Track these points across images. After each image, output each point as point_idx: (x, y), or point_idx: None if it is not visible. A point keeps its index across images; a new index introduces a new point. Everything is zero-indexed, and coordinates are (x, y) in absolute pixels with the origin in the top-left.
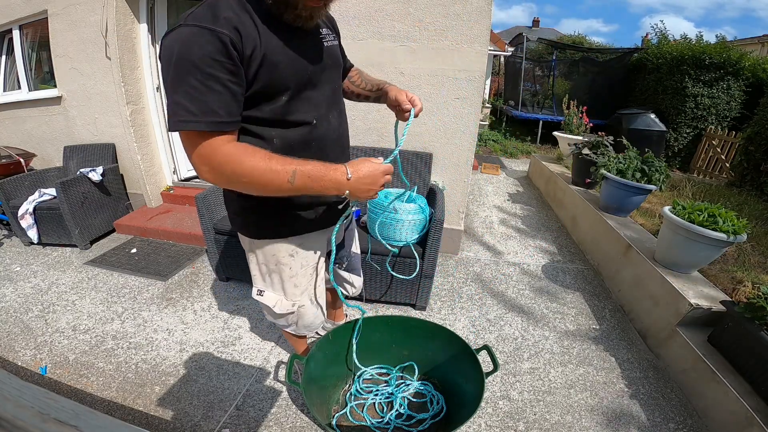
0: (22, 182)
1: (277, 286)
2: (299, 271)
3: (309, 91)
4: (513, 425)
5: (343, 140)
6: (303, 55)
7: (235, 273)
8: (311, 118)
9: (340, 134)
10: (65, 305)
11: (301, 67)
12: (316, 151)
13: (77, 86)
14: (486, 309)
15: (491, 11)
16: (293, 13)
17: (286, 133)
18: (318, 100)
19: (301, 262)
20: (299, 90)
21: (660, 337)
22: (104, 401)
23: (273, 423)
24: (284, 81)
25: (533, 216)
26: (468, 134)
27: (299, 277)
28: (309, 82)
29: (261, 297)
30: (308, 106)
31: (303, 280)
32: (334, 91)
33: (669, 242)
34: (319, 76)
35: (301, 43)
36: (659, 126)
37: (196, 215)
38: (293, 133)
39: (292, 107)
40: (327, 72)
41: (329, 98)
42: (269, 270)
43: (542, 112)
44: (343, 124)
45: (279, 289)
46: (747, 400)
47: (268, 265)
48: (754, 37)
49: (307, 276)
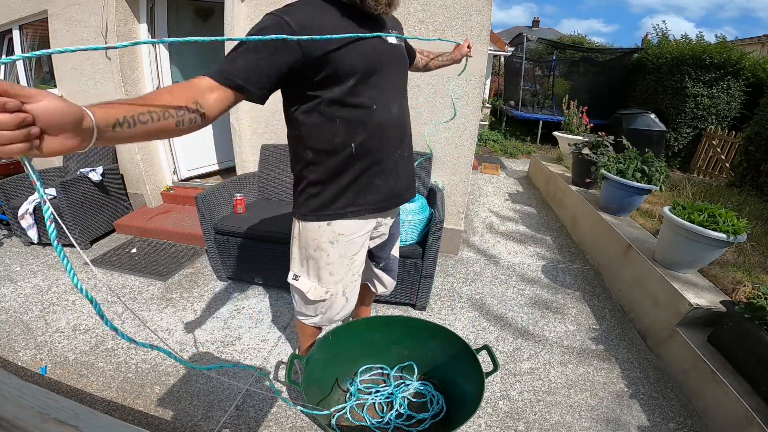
0: (22, 182)
1: (312, 273)
2: (336, 261)
3: (373, 79)
4: (513, 425)
5: (402, 129)
6: (372, 46)
7: (235, 273)
8: (372, 104)
9: (400, 125)
10: (65, 305)
11: (368, 56)
12: (374, 135)
13: (77, 86)
14: (486, 309)
15: (491, 11)
16: (373, 0)
17: (348, 115)
18: (380, 88)
19: (339, 251)
20: (365, 76)
21: (660, 337)
22: (104, 401)
23: (273, 423)
24: (353, 66)
25: (533, 216)
26: (468, 134)
27: (335, 266)
28: (374, 71)
29: (296, 282)
30: (371, 92)
31: (339, 270)
32: (397, 84)
33: (669, 242)
34: (385, 68)
35: (370, 32)
36: (659, 126)
37: (196, 215)
38: (354, 114)
39: (356, 91)
40: (393, 65)
41: (392, 89)
42: (308, 255)
43: (542, 112)
44: (405, 116)
45: (314, 275)
46: (747, 400)
47: (308, 249)
48: (754, 37)
49: (344, 267)
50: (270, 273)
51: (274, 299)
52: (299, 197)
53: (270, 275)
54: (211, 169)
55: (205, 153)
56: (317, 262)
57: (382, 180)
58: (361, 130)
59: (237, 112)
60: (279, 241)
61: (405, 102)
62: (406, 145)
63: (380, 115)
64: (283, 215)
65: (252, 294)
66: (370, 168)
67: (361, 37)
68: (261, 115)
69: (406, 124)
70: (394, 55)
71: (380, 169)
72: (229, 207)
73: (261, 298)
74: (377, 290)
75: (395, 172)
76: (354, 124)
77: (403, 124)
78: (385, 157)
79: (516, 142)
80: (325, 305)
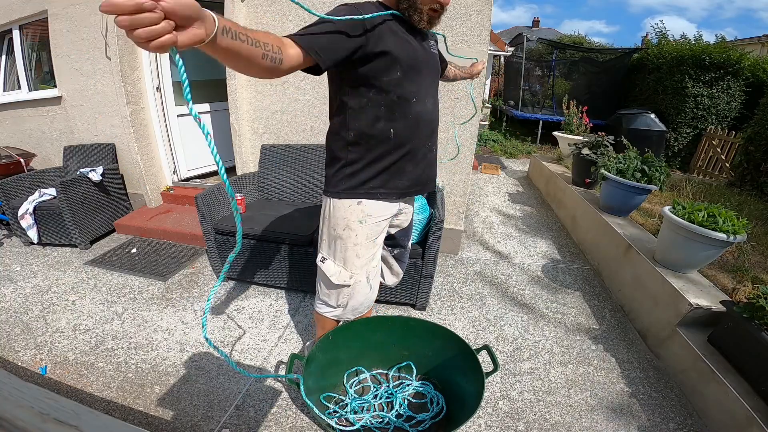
0: (22, 182)
1: (339, 255)
2: (363, 242)
3: (415, 75)
4: (513, 425)
5: (434, 124)
6: (415, 49)
7: (235, 273)
8: (412, 97)
9: (433, 119)
10: (65, 305)
11: (412, 54)
12: (412, 124)
13: (77, 86)
14: (486, 309)
15: (491, 11)
16: (418, 16)
17: (391, 104)
18: (420, 84)
19: (367, 232)
20: (408, 70)
21: (660, 337)
22: (104, 401)
23: (273, 423)
24: (399, 59)
25: (533, 216)
26: (468, 134)
27: (362, 248)
28: (415, 68)
29: (323, 264)
30: (412, 86)
31: (365, 252)
32: (432, 83)
33: (669, 242)
34: (424, 69)
35: (414, 40)
36: (659, 126)
37: (196, 215)
38: (396, 103)
39: (401, 82)
40: (429, 67)
41: (429, 86)
42: (337, 235)
43: (542, 112)
44: (436, 112)
45: (341, 258)
46: (747, 400)
47: (336, 229)
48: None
49: (369, 249)
50: (270, 273)
51: (274, 299)
52: (334, 176)
53: (270, 275)
54: (211, 169)
55: (205, 153)
56: (345, 243)
57: (411, 167)
58: (401, 118)
59: (237, 112)
60: (279, 241)
61: (437, 101)
62: (434, 139)
63: (418, 107)
64: (283, 215)
65: (252, 294)
66: (405, 155)
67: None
68: (261, 115)
69: (437, 120)
70: (431, 60)
71: (412, 157)
72: (229, 207)
73: (261, 298)
74: (386, 281)
75: (424, 162)
76: (395, 112)
77: (435, 119)
78: (418, 146)
79: (516, 142)
80: (347, 294)
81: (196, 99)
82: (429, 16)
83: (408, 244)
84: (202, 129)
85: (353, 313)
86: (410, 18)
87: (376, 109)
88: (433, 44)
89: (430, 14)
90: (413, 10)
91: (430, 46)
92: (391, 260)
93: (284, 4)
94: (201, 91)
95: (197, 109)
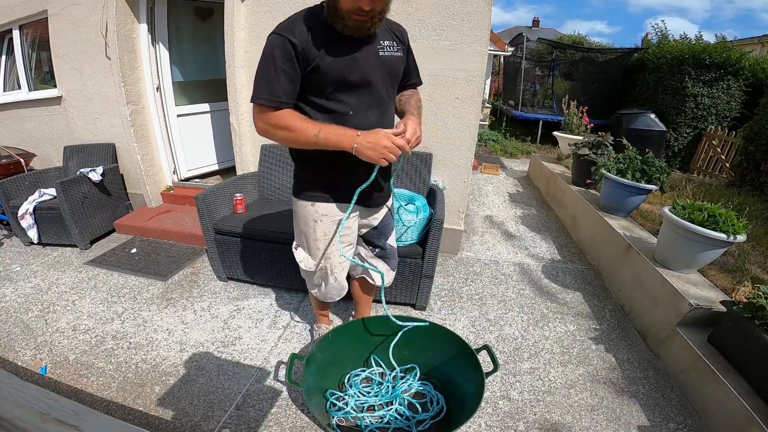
0: (22, 182)
1: (305, 245)
2: (321, 238)
3: (350, 89)
4: (513, 425)
5: None
6: (349, 60)
7: (235, 273)
8: (347, 110)
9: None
10: (65, 305)
11: (344, 71)
12: None
13: (77, 86)
14: (486, 309)
15: (491, 11)
16: (342, 23)
17: (326, 117)
18: (358, 98)
19: (324, 230)
20: (339, 87)
21: (660, 337)
22: (104, 401)
23: (273, 423)
24: (326, 80)
25: (533, 216)
26: (468, 134)
27: (321, 243)
28: (350, 83)
29: (296, 251)
30: (350, 99)
31: (324, 247)
32: (378, 93)
33: (669, 242)
34: (371, 78)
35: (350, 50)
36: (659, 126)
37: (196, 215)
38: (330, 117)
39: (333, 99)
40: (375, 76)
41: (373, 99)
42: (301, 230)
43: (542, 112)
44: (385, 123)
45: (306, 248)
46: (747, 400)
47: (300, 224)
48: (754, 37)
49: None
50: (270, 273)
51: (274, 299)
52: (295, 179)
53: (270, 275)
54: (211, 169)
55: (205, 153)
56: (307, 237)
57: (357, 181)
58: None
59: (237, 112)
60: (279, 241)
61: (389, 110)
62: None
63: (356, 120)
64: (283, 215)
65: (252, 294)
66: (348, 167)
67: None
68: None
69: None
70: (381, 67)
71: (358, 167)
72: (229, 207)
73: (261, 298)
74: (375, 281)
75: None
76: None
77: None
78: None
79: (516, 142)
80: (319, 277)
81: (196, 99)
82: (356, 21)
83: (386, 243)
84: None
85: (325, 297)
86: (333, 25)
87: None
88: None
89: (358, 20)
90: (334, 18)
91: (382, 48)
92: (375, 260)
93: (284, 4)
94: (201, 91)
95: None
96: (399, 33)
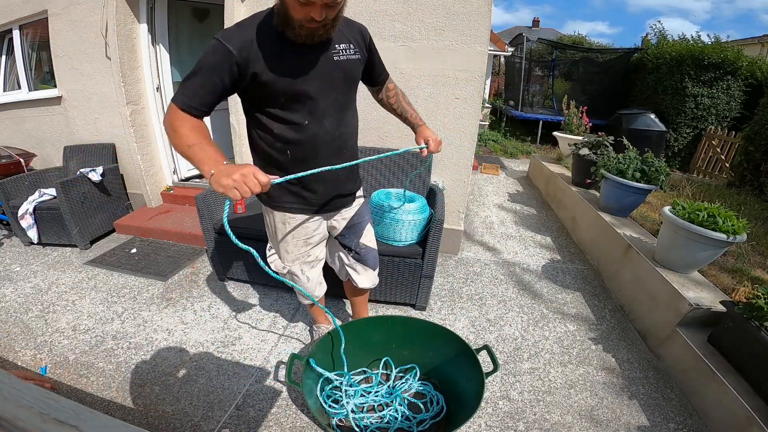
0: (22, 182)
1: (275, 248)
2: (289, 240)
3: (303, 99)
4: (513, 425)
5: (338, 143)
6: (299, 69)
7: (235, 273)
8: (302, 120)
9: (336, 137)
10: (65, 305)
11: (292, 82)
12: (307, 148)
13: (77, 86)
14: (486, 309)
15: (491, 11)
16: (292, 32)
17: (282, 128)
18: (312, 107)
19: (292, 234)
20: (291, 98)
21: (660, 337)
22: (104, 401)
23: (273, 423)
24: (275, 92)
25: (533, 216)
26: (468, 134)
27: (289, 245)
28: (302, 93)
29: (269, 252)
30: (302, 109)
31: (293, 249)
32: (336, 100)
33: (669, 242)
34: (317, 87)
35: (301, 58)
36: (659, 126)
37: (196, 215)
38: (287, 129)
39: (287, 109)
40: (331, 83)
41: (328, 106)
42: (271, 232)
43: (542, 112)
44: (343, 128)
45: (277, 250)
46: (747, 400)
47: (269, 228)
48: (754, 37)
49: (298, 248)
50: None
51: (274, 299)
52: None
53: (270, 275)
54: None
55: None
56: (276, 240)
57: (320, 187)
58: (294, 141)
59: (236, 112)
60: None
61: (347, 115)
62: (346, 156)
63: (313, 129)
64: None
65: (252, 294)
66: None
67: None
68: None
69: (346, 136)
70: (336, 72)
71: (318, 177)
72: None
73: (261, 298)
74: (358, 284)
75: (335, 181)
76: (287, 136)
77: (342, 136)
78: (322, 166)
79: (516, 142)
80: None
81: None
82: (308, 30)
83: (359, 244)
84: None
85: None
86: (284, 33)
87: (270, 134)
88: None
89: (310, 28)
90: (285, 26)
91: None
92: (353, 262)
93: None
94: None
95: None
96: (357, 33)
